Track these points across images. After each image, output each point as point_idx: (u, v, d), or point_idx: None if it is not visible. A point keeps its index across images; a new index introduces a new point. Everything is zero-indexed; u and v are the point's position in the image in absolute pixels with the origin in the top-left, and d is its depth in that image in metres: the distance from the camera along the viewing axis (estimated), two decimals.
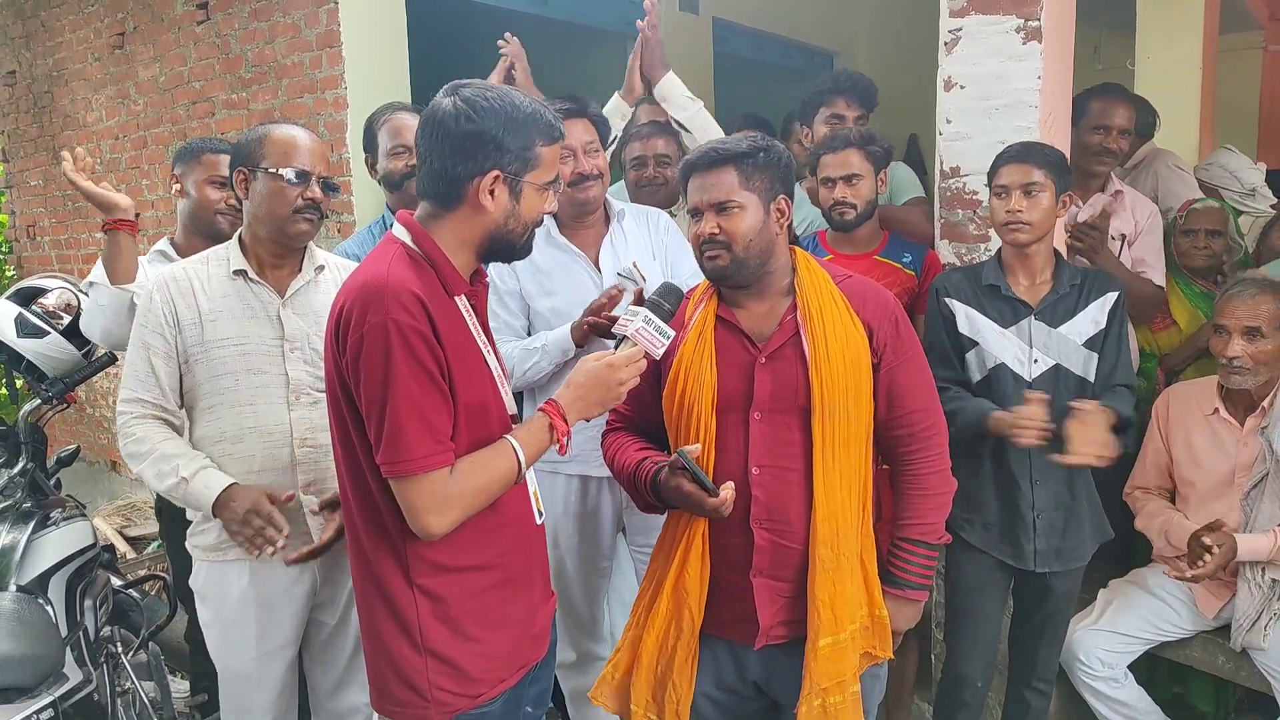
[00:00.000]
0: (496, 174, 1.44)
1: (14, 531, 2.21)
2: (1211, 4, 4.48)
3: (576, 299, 2.24)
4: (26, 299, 2.53)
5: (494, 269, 1.63)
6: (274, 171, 1.86)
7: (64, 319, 2.50)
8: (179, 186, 2.52)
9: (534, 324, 2.31)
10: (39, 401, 2.50)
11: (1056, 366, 2.16)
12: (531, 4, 4.61)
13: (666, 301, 1.66)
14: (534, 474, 1.65)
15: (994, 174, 2.18)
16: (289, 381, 1.92)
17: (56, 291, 2.58)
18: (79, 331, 2.41)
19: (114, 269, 2.22)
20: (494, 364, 1.57)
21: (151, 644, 2.55)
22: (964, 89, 2.47)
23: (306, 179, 1.88)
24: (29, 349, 2.45)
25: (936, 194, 2.57)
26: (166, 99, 4.38)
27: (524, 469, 1.50)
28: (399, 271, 1.41)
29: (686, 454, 1.59)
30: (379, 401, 1.38)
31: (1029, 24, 2.35)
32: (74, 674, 2.05)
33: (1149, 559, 2.67)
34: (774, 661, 1.75)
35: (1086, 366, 2.17)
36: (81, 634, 2.18)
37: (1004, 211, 2.12)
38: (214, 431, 1.92)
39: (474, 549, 1.51)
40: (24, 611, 2.06)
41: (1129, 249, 2.79)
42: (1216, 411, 2.47)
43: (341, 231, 3.51)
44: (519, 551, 1.57)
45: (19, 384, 2.83)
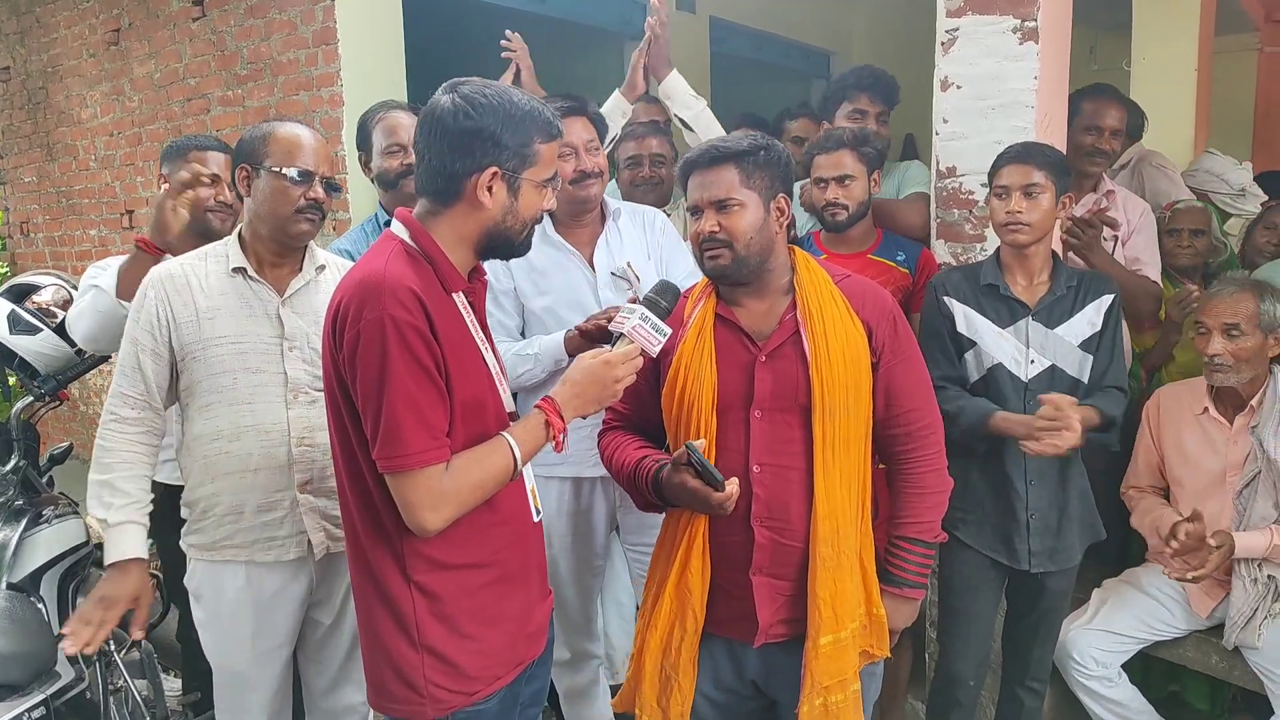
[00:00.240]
0: (494, 170, 1.44)
1: (6, 529, 2.20)
2: (1207, 5, 4.50)
3: (571, 298, 2.23)
4: (19, 296, 2.52)
5: (489, 267, 1.63)
6: (277, 170, 1.85)
7: (57, 316, 2.49)
8: (167, 186, 2.50)
9: (528, 322, 2.30)
10: (31, 398, 2.49)
11: (1052, 367, 2.16)
12: (529, 2, 4.61)
13: (663, 299, 1.65)
14: (532, 472, 1.65)
15: (994, 174, 2.18)
16: (287, 380, 1.91)
17: (50, 289, 2.57)
18: None
19: (127, 285, 2.14)
20: (491, 361, 1.56)
21: (144, 642, 2.54)
22: (960, 89, 2.47)
23: (310, 179, 1.87)
24: (21, 346, 2.44)
25: (933, 194, 2.58)
26: (161, 95, 4.37)
27: (520, 465, 1.50)
28: (396, 268, 1.41)
29: (695, 447, 1.59)
30: (375, 397, 1.38)
31: (1025, 24, 2.35)
32: (66, 672, 2.04)
33: (1143, 558, 2.68)
34: (773, 660, 1.75)
35: (1082, 368, 2.17)
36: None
37: (1004, 212, 2.13)
38: (210, 430, 1.91)
39: (471, 546, 1.50)
40: (16, 609, 2.05)
41: (1122, 248, 2.79)
42: (1206, 411, 2.48)
43: (336, 229, 3.50)
44: (516, 549, 1.57)
45: (11, 381, 2.82)
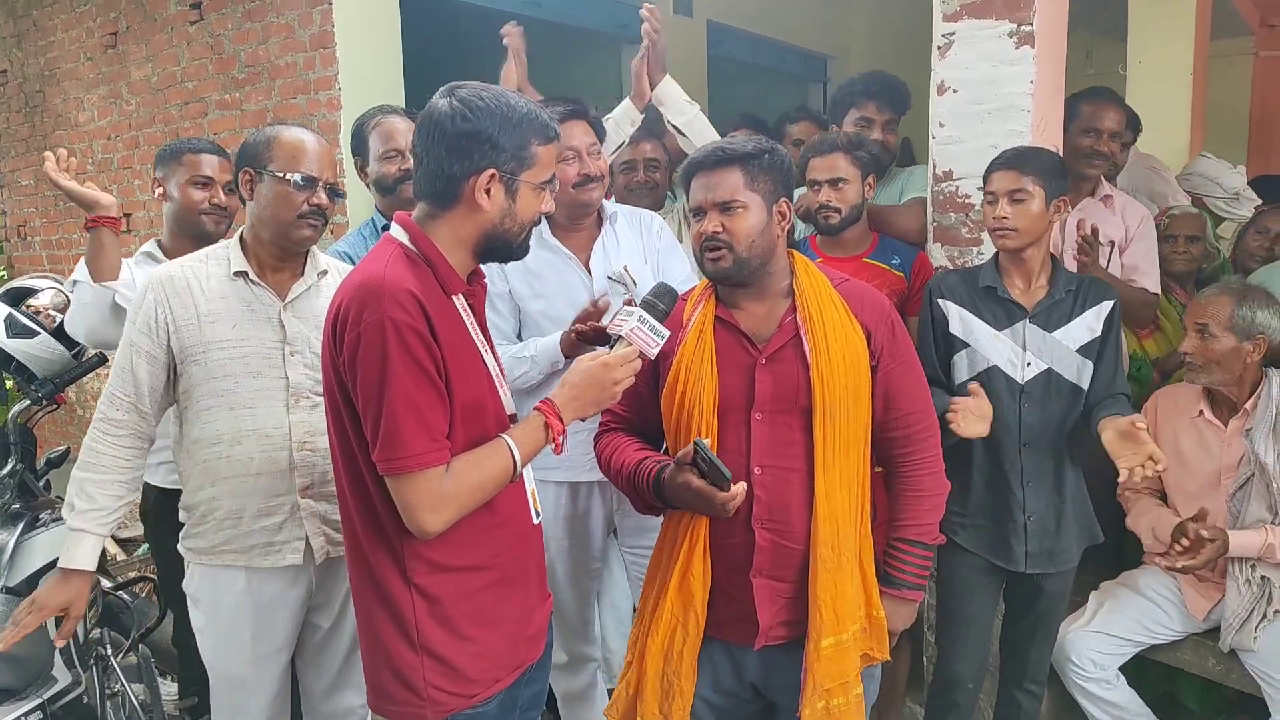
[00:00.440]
0: (492, 173, 1.44)
1: (2, 533, 2.19)
2: (1203, 9, 4.51)
3: (567, 301, 2.24)
4: (16, 299, 2.51)
5: (485, 271, 1.63)
6: (281, 175, 1.84)
7: (54, 319, 2.49)
8: (162, 190, 2.51)
9: (524, 326, 2.31)
10: (28, 402, 2.49)
11: (1049, 371, 2.17)
12: (525, 5, 4.62)
13: (661, 301, 1.66)
14: (532, 474, 1.65)
15: (986, 179, 2.20)
16: (289, 384, 1.91)
17: (47, 292, 2.56)
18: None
19: (96, 266, 2.21)
20: (491, 363, 1.57)
21: (141, 646, 2.54)
22: (957, 93, 2.48)
23: (313, 184, 1.86)
24: (18, 349, 2.44)
25: (930, 197, 2.59)
26: (159, 99, 4.37)
27: (519, 467, 1.50)
28: (396, 271, 1.41)
29: (703, 443, 1.58)
30: (375, 399, 1.39)
31: (1021, 29, 2.36)
32: (63, 676, 2.03)
33: (1140, 561, 2.68)
34: (773, 662, 1.75)
35: (1080, 373, 2.18)
36: (70, 636, 2.17)
37: (991, 217, 2.15)
38: (210, 434, 1.89)
39: (471, 548, 1.50)
40: (12, 613, 2.04)
41: (1120, 255, 2.80)
42: (1202, 414, 2.49)
43: (334, 233, 3.50)
44: (515, 551, 1.57)
45: (8, 385, 2.81)
